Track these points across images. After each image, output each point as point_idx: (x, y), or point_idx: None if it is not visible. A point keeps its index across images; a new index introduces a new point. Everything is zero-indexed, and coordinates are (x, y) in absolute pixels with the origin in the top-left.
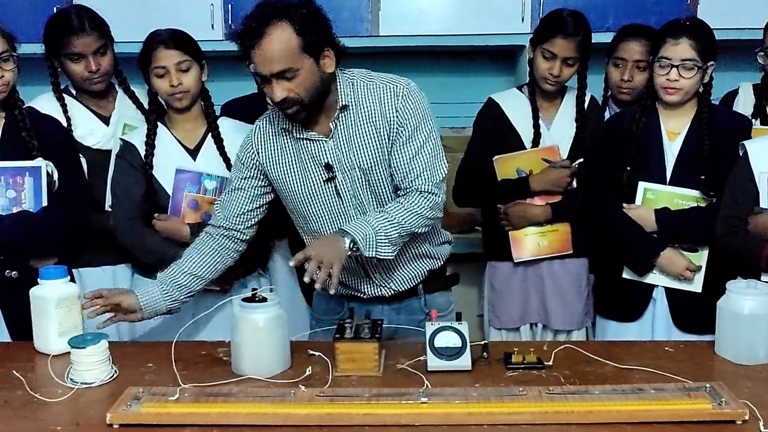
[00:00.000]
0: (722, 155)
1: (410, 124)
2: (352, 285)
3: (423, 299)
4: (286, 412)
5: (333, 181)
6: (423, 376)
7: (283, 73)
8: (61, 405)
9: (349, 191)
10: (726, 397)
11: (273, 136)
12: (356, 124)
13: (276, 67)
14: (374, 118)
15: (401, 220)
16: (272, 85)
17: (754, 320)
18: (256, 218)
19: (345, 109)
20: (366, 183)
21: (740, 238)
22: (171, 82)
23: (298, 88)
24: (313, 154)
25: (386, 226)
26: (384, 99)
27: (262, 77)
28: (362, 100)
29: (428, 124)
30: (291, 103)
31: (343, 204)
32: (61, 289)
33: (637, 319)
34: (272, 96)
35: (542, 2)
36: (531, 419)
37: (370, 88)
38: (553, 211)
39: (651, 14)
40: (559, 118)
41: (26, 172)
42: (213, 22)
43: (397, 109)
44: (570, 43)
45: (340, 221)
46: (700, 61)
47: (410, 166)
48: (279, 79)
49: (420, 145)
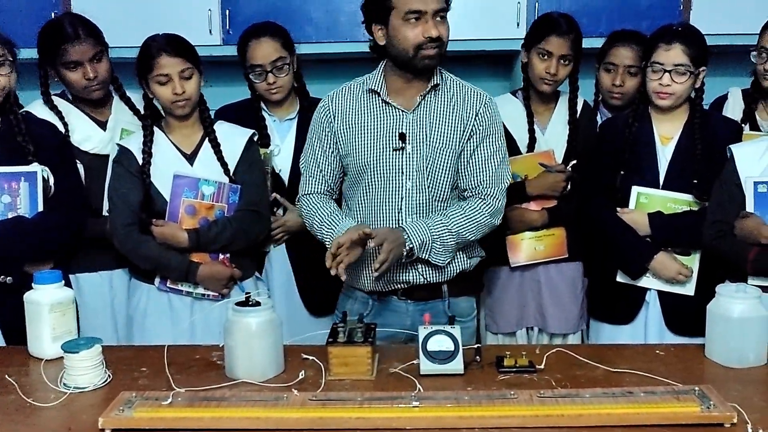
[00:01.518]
0: (714, 159)
1: (486, 129)
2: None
3: (447, 302)
4: (279, 416)
5: (402, 152)
6: (415, 380)
7: (441, 11)
8: (53, 410)
9: (413, 166)
10: (715, 401)
11: (353, 100)
12: (440, 107)
13: (439, 4)
14: (457, 109)
15: (460, 229)
16: (427, 24)
17: (743, 324)
18: (339, 180)
19: (436, 89)
20: (431, 165)
21: (727, 241)
22: (175, 90)
23: (446, 32)
24: (391, 121)
25: (444, 235)
26: (469, 98)
27: (418, 14)
28: (450, 90)
29: (501, 136)
30: (440, 44)
31: (402, 178)
32: (54, 293)
33: (630, 322)
34: (428, 33)
35: (537, 8)
36: (522, 423)
37: (457, 84)
38: (549, 215)
39: (643, 19)
40: (554, 123)
41: (22, 177)
42: (211, 28)
43: (478, 111)
44: (565, 41)
45: (393, 197)
46: (692, 67)
47: (478, 170)
48: (436, 17)
49: (492, 152)
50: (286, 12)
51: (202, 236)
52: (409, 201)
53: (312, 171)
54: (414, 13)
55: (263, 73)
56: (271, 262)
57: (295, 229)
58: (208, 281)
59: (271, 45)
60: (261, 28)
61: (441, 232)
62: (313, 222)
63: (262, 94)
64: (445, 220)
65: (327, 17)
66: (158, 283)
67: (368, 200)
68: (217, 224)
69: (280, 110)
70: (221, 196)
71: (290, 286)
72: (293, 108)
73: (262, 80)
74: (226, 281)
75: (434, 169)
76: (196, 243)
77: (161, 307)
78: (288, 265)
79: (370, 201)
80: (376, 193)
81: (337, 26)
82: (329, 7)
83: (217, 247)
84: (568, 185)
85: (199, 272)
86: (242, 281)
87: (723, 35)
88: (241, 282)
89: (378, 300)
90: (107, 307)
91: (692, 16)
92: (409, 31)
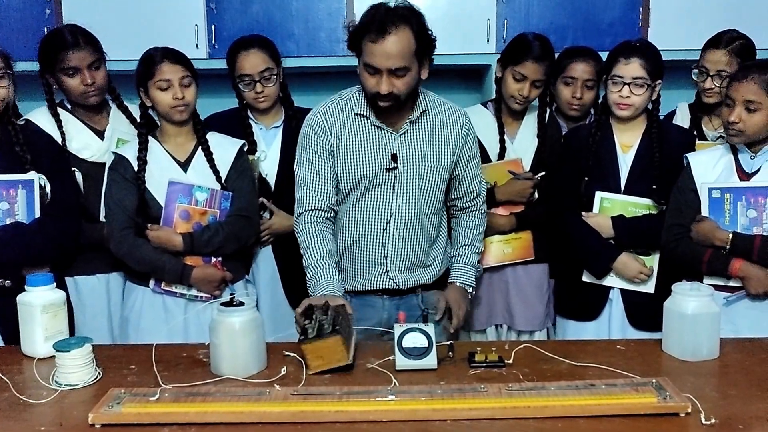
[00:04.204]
0: (671, 166)
1: (472, 147)
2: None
3: (420, 296)
4: (262, 410)
5: (394, 171)
6: (391, 375)
7: (397, 71)
8: (45, 406)
9: (404, 185)
10: (670, 392)
11: (345, 119)
12: (428, 130)
13: (394, 64)
14: (445, 131)
15: (479, 246)
16: (381, 78)
17: (697, 320)
18: (335, 195)
19: (424, 114)
20: (422, 183)
21: (683, 244)
22: (175, 95)
23: (403, 86)
24: (382, 142)
25: (474, 258)
26: (456, 118)
27: (374, 69)
28: (437, 111)
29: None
30: (391, 98)
31: (393, 194)
32: (47, 295)
33: (595, 319)
34: (377, 88)
35: (506, 25)
36: (491, 414)
37: (439, 105)
38: (517, 220)
39: (605, 36)
40: (522, 133)
41: (19, 184)
42: (197, 42)
43: (464, 131)
44: (540, 67)
45: (383, 212)
46: (649, 80)
47: (473, 184)
48: (390, 75)
49: (476, 166)
50: (268, 28)
51: (195, 240)
52: (399, 216)
53: (313, 185)
54: (370, 67)
55: (252, 82)
56: (257, 262)
57: (281, 231)
58: (202, 283)
59: (259, 56)
60: (250, 40)
61: (474, 258)
62: (305, 250)
63: (249, 103)
64: (470, 247)
65: (307, 34)
66: (153, 286)
67: (357, 214)
68: (210, 229)
69: (266, 118)
70: (214, 202)
71: (276, 285)
72: (279, 116)
73: (250, 90)
74: (218, 283)
75: (425, 186)
76: (190, 247)
77: (156, 309)
78: (274, 265)
79: (359, 214)
80: (366, 207)
81: (317, 42)
82: (310, 24)
83: (210, 251)
84: (535, 192)
85: (193, 275)
86: (233, 283)
87: (677, 50)
88: (232, 284)
89: (356, 296)
90: (104, 308)
91: (650, 33)
92: (367, 80)
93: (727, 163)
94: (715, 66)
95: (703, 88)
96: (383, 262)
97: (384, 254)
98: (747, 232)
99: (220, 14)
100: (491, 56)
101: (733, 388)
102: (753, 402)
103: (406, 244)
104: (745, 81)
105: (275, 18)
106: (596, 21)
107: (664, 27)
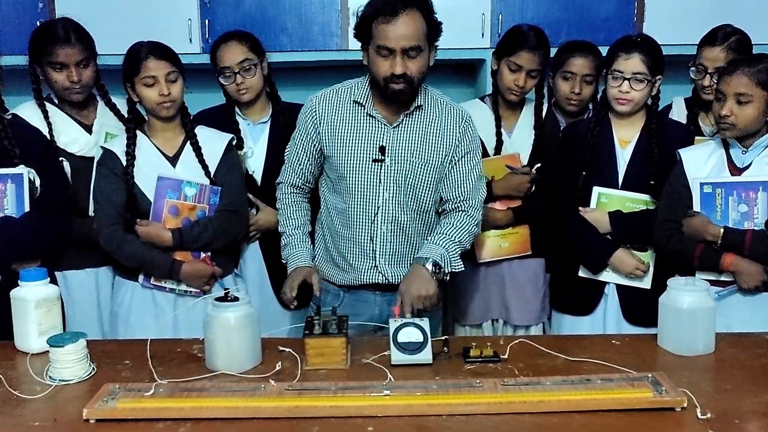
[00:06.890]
0: (669, 162)
1: (467, 147)
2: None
3: None
4: (257, 405)
5: (381, 164)
6: (387, 370)
7: (410, 51)
8: (39, 401)
9: (391, 179)
10: (666, 386)
11: (338, 105)
12: (422, 125)
13: (409, 43)
14: (440, 128)
15: (459, 238)
16: (395, 60)
17: (692, 314)
18: (316, 174)
19: (419, 109)
20: (409, 179)
21: (676, 239)
22: (161, 91)
23: (416, 68)
24: (372, 133)
25: (450, 246)
26: (452, 116)
27: (387, 50)
28: (433, 108)
29: (479, 153)
30: (405, 80)
31: (379, 188)
32: (40, 290)
33: (590, 313)
34: (392, 70)
35: (501, 20)
36: (486, 409)
37: (438, 101)
38: (514, 214)
39: (600, 30)
40: (519, 127)
41: (8, 179)
42: (191, 36)
43: (460, 131)
44: (534, 57)
45: (369, 206)
46: (649, 75)
47: (460, 186)
48: (404, 56)
49: (470, 168)
50: (261, 22)
51: (185, 235)
52: (385, 211)
53: (293, 163)
54: (384, 49)
55: (232, 74)
56: (245, 258)
57: (268, 227)
58: (191, 278)
59: (237, 47)
60: (229, 34)
61: (449, 244)
62: (282, 216)
63: (233, 96)
64: (443, 236)
65: (300, 28)
66: (142, 281)
67: (345, 205)
68: (199, 224)
69: (253, 114)
70: (203, 197)
71: (263, 281)
72: (266, 112)
73: (230, 82)
74: (207, 278)
75: (413, 183)
76: (180, 242)
77: (145, 304)
78: (261, 260)
79: (347, 207)
80: (352, 199)
81: (310, 36)
82: (303, 18)
83: (199, 246)
84: (532, 186)
85: (182, 270)
86: (222, 278)
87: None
88: (221, 279)
89: (349, 292)
90: (93, 303)
91: (645, 27)
92: (380, 64)
93: (718, 158)
94: (713, 63)
95: (701, 85)
96: (373, 256)
97: (373, 248)
98: (738, 226)
99: (214, 8)
100: (486, 51)
101: (729, 382)
102: (748, 396)
103: (394, 239)
104: (735, 74)
105: (268, 12)
106: (591, 15)
107: (660, 21)
